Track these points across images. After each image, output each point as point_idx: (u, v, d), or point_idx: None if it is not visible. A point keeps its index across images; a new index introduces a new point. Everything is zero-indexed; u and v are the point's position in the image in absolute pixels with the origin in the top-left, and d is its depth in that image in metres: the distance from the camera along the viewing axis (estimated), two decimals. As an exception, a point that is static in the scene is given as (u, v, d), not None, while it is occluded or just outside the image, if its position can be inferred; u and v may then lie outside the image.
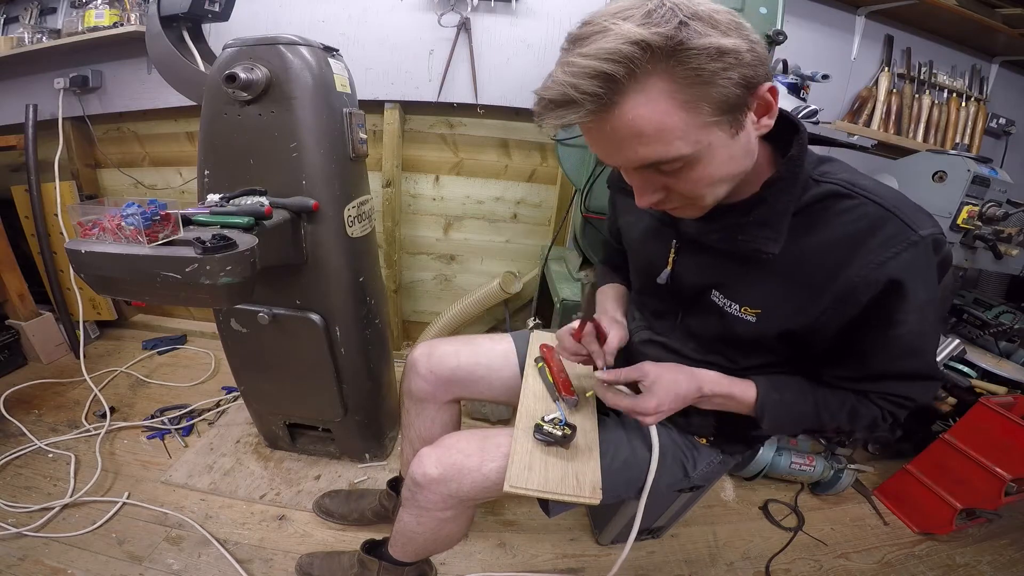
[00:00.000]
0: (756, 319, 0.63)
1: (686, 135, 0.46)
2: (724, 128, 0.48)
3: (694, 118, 0.46)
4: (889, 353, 0.60)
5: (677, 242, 0.69)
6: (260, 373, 1.26)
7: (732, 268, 0.63)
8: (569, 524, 1.28)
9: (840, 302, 0.56)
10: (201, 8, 1.12)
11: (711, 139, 0.48)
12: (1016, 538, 1.39)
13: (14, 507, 1.16)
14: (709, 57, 0.43)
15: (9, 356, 1.73)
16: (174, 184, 1.88)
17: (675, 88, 0.44)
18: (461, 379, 0.93)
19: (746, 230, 0.59)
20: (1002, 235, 1.33)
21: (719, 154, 0.50)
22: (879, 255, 0.53)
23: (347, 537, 1.18)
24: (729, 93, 0.45)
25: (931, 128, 1.67)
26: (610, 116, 0.45)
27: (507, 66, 1.56)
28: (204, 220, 0.83)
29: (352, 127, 1.06)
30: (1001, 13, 1.59)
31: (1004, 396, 1.37)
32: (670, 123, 0.45)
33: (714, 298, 0.66)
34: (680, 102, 0.45)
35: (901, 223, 0.53)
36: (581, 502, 0.66)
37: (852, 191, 0.55)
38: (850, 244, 0.54)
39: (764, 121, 0.51)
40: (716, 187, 0.54)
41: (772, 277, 0.60)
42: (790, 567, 1.23)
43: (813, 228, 0.57)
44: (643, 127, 0.46)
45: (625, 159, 0.50)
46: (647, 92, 0.44)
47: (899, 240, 0.52)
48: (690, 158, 0.48)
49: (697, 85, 0.44)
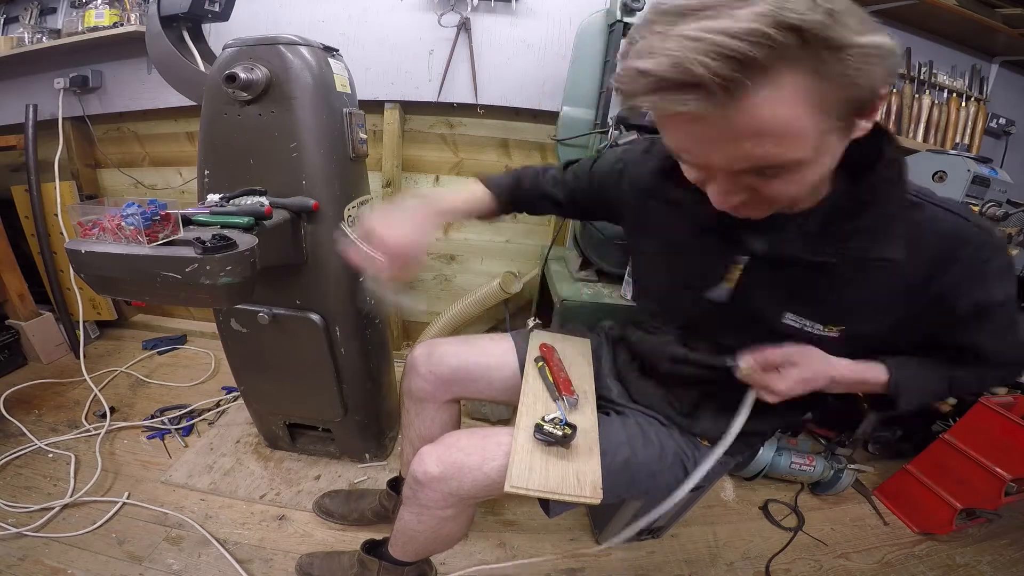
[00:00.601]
0: (840, 334, 0.60)
1: (812, 139, 0.41)
2: (840, 133, 0.43)
3: (823, 122, 0.40)
4: (1004, 338, 0.61)
5: (741, 258, 0.62)
6: (260, 373, 1.26)
7: (808, 283, 0.59)
8: (569, 524, 1.28)
9: (936, 306, 0.57)
10: (201, 8, 1.12)
11: (828, 142, 0.43)
12: (1016, 538, 1.39)
13: (14, 507, 1.16)
14: (866, 56, 0.37)
15: (9, 356, 1.73)
16: (174, 184, 1.88)
17: (816, 86, 0.38)
18: (461, 379, 0.93)
19: (859, 236, 0.54)
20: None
21: (826, 159, 0.45)
22: (974, 264, 0.54)
23: (347, 537, 1.18)
24: (868, 98, 0.41)
25: (931, 128, 1.67)
26: (735, 108, 0.38)
27: (507, 66, 1.56)
28: (204, 220, 0.83)
29: (352, 127, 1.06)
30: (1001, 13, 1.59)
31: (1004, 396, 1.37)
32: (799, 125, 0.39)
33: (789, 321, 0.61)
34: (817, 102, 0.39)
35: (979, 230, 0.54)
36: (582, 502, 0.66)
37: (921, 199, 0.55)
38: (938, 255, 0.54)
39: (864, 124, 0.45)
40: (804, 191, 0.48)
41: (854, 287, 0.57)
42: (790, 567, 1.23)
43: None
44: (770, 127, 0.39)
45: (731, 158, 0.43)
46: (783, 87, 0.37)
47: (986, 248, 0.54)
48: (802, 162, 0.43)
49: (844, 86, 0.38)
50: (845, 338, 0.61)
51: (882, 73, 0.39)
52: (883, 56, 0.38)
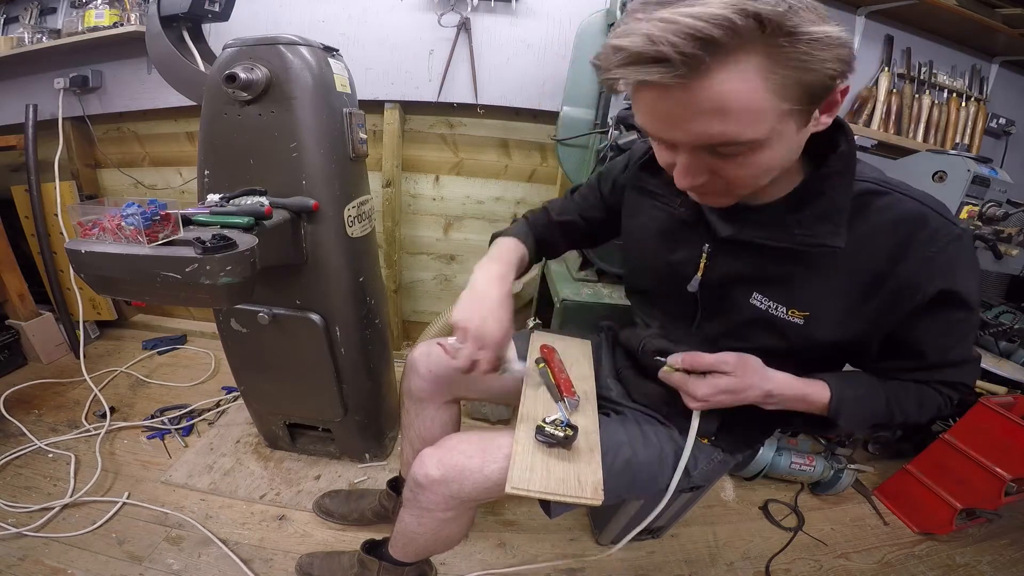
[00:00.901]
0: (804, 321, 0.61)
1: (766, 119, 0.45)
2: (797, 119, 0.47)
3: (779, 103, 0.44)
4: (946, 343, 0.61)
5: (709, 246, 0.66)
6: (260, 373, 1.26)
7: (774, 267, 0.61)
8: (569, 524, 1.28)
9: (895, 297, 0.57)
10: (201, 8, 1.12)
11: (784, 128, 0.46)
12: (1016, 538, 1.39)
13: (14, 507, 1.16)
14: (818, 43, 0.41)
15: (9, 356, 1.73)
16: (174, 184, 1.88)
17: (772, 68, 0.42)
18: (460, 379, 0.93)
19: (806, 225, 0.57)
20: (1002, 235, 1.33)
21: (783, 144, 0.48)
22: (928, 250, 0.54)
23: (347, 537, 1.18)
24: (821, 84, 0.44)
25: (931, 128, 1.67)
26: (695, 84, 0.42)
27: (507, 66, 1.56)
28: (204, 220, 0.83)
29: (352, 127, 1.06)
30: (1001, 13, 1.58)
31: (1004, 396, 1.37)
32: (756, 104, 0.43)
33: (755, 301, 0.63)
34: (773, 83, 0.43)
35: (941, 217, 0.54)
36: (583, 503, 0.66)
37: (887, 188, 0.56)
38: (896, 240, 0.55)
39: (824, 119, 0.49)
40: (763, 177, 0.52)
41: (818, 276, 0.59)
42: (790, 567, 1.23)
43: (855, 226, 0.56)
44: (729, 103, 0.43)
45: (692, 134, 0.47)
46: (743, 66, 0.41)
47: (944, 235, 0.54)
48: (757, 143, 0.46)
49: (797, 69, 0.42)
50: (809, 327, 0.61)
51: (832, 60, 0.43)
52: (834, 44, 0.42)
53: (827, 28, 0.42)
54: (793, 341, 0.63)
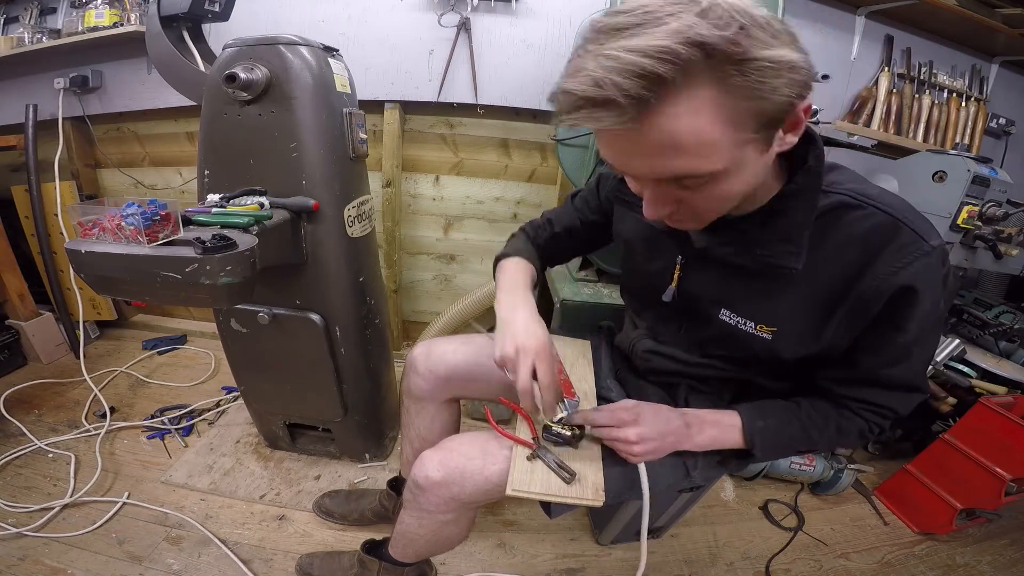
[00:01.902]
0: (772, 336, 0.61)
1: (724, 151, 0.43)
2: (758, 145, 0.45)
3: (736, 134, 0.43)
4: (881, 357, 0.60)
5: (682, 257, 0.67)
6: (260, 373, 1.26)
7: (743, 284, 0.62)
8: (569, 524, 1.28)
9: (853, 312, 0.56)
10: (201, 8, 1.12)
11: (743, 155, 0.45)
12: (1016, 538, 1.39)
13: (14, 507, 1.16)
14: (771, 70, 0.39)
15: (9, 356, 1.73)
16: (174, 184, 1.88)
17: (725, 99, 0.40)
18: (460, 378, 0.93)
19: (765, 244, 0.57)
20: (1002, 235, 1.33)
21: (746, 171, 0.47)
22: (892, 264, 0.53)
23: (347, 537, 1.18)
24: (776, 110, 0.42)
25: (931, 128, 1.67)
26: (645, 124, 0.41)
27: (507, 66, 1.56)
28: (204, 220, 0.83)
29: (352, 127, 1.06)
30: (1001, 13, 1.59)
31: (1004, 396, 1.37)
32: (712, 137, 0.42)
33: (724, 317, 0.65)
34: (726, 115, 0.41)
35: (913, 233, 0.53)
36: (584, 504, 0.66)
37: (861, 201, 0.55)
38: (863, 255, 0.54)
39: (789, 138, 0.48)
40: (729, 203, 0.52)
41: (785, 292, 0.59)
42: (790, 567, 1.23)
43: (824, 240, 0.56)
44: (682, 139, 0.42)
45: (650, 170, 0.47)
46: (693, 100, 0.40)
47: (912, 250, 0.53)
48: (719, 174, 0.46)
49: (749, 99, 0.41)
50: (778, 342, 0.62)
51: (787, 85, 0.41)
52: (785, 69, 0.40)
53: (779, 52, 0.40)
54: (764, 355, 0.63)
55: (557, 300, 1.27)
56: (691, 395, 0.79)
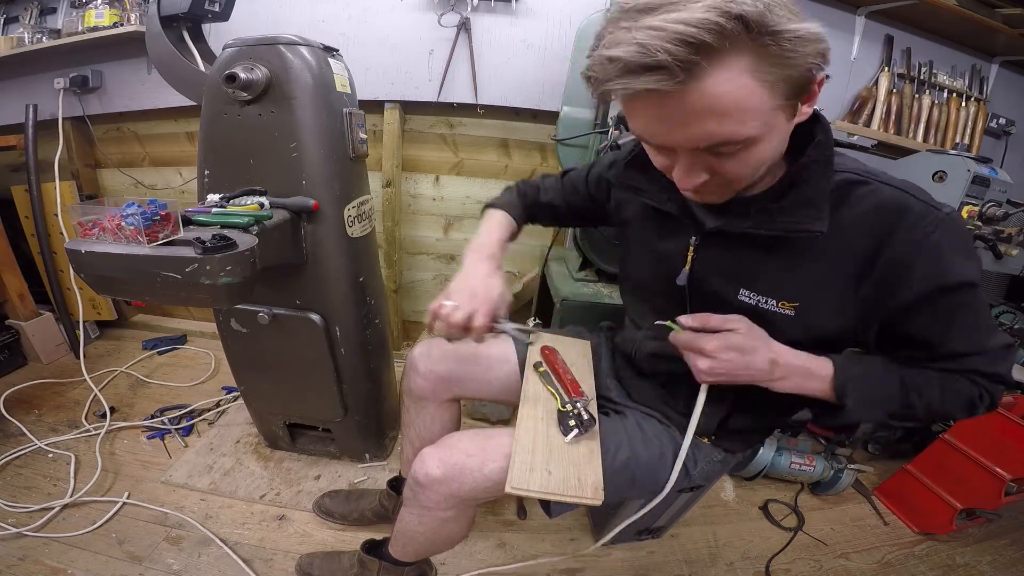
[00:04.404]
0: (795, 312, 0.61)
1: (760, 116, 0.46)
2: (786, 112, 0.48)
3: (771, 99, 0.45)
4: (958, 326, 0.57)
5: (696, 238, 0.67)
6: (260, 373, 1.26)
7: (761, 260, 0.62)
8: (569, 524, 1.28)
9: (886, 281, 0.56)
10: (201, 8, 1.12)
11: (775, 121, 0.48)
12: (1016, 538, 1.39)
13: (14, 507, 1.16)
14: (800, 40, 0.43)
15: (9, 356, 1.73)
16: (174, 184, 1.88)
17: (761, 66, 0.43)
18: (460, 377, 0.93)
19: (788, 212, 0.57)
20: (1002, 235, 1.33)
21: (776, 137, 0.50)
22: (914, 234, 0.53)
23: (347, 537, 1.18)
24: (803, 77, 0.46)
25: (931, 128, 1.67)
26: (691, 89, 0.43)
27: (507, 66, 1.56)
28: (204, 220, 0.83)
29: (352, 127, 1.06)
30: (1001, 13, 1.58)
31: (1004, 396, 1.37)
32: (750, 102, 0.45)
33: (744, 297, 0.63)
34: (762, 81, 0.44)
35: (923, 203, 0.54)
36: (583, 503, 0.66)
37: (866, 177, 0.57)
38: (880, 228, 0.54)
39: (805, 109, 0.51)
40: (759, 170, 0.53)
41: (806, 263, 0.59)
42: (790, 567, 1.23)
43: (838, 215, 0.56)
44: (724, 104, 0.44)
45: (692, 136, 0.48)
46: (732, 68, 0.43)
47: (928, 219, 0.53)
48: (753, 140, 0.48)
49: (783, 67, 0.44)
50: (801, 317, 0.61)
51: (814, 54, 0.45)
52: (813, 40, 0.44)
53: (805, 25, 0.43)
54: (788, 333, 0.61)
55: (557, 300, 1.27)
56: (693, 395, 0.78)
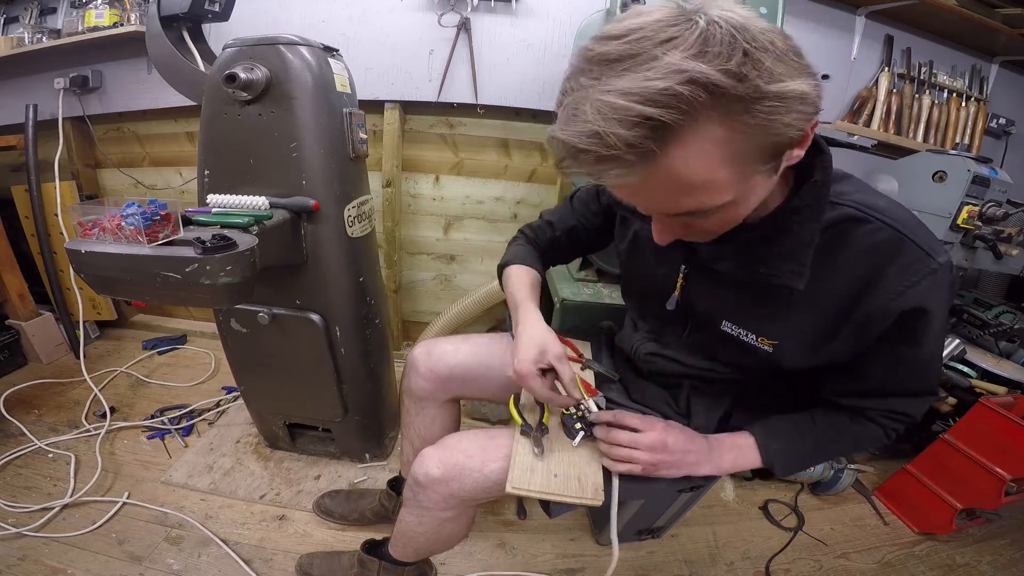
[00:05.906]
0: (773, 349, 0.62)
1: (731, 186, 0.43)
2: (765, 174, 0.45)
3: (745, 168, 0.42)
4: (899, 374, 0.60)
5: (686, 267, 0.67)
6: (260, 373, 1.26)
7: (745, 298, 0.62)
8: (569, 524, 1.28)
9: (859, 329, 0.56)
10: (201, 8, 1.12)
11: (753, 183, 0.45)
12: (1016, 538, 1.39)
13: (14, 507, 1.16)
14: (781, 106, 0.38)
15: (9, 356, 1.73)
16: (174, 184, 1.88)
17: (732, 137, 0.38)
18: (460, 377, 0.93)
19: (769, 262, 0.56)
20: (1002, 235, 1.33)
21: (755, 195, 0.48)
22: (900, 283, 0.52)
23: (347, 537, 1.18)
24: (785, 141, 0.41)
25: (931, 128, 1.67)
26: (652, 169, 0.39)
27: (507, 66, 1.56)
28: (204, 220, 0.83)
29: (352, 127, 1.06)
30: (1001, 13, 1.59)
31: (1004, 396, 1.37)
32: (716, 177, 0.41)
33: (726, 328, 0.65)
34: (734, 154, 0.39)
35: (919, 250, 0.52)
36: (583, 503, 0.66)
37: (868, 214, 0.54)
38: (869, 271, 0.54)
39: (797, 152, 0.45)
40: (740, 220, 0.51)
41: (788, 309, 0.59)
42: (790, 567, 1.23)
43: (829, 255, 0.55)
44: (691, 180, 0.41)
45: (661, 207, 0.47)
46: (700, 143, 0.38)
47: (919, 269, 0.52)
48: (730, 203, 0.45)
49: (758, 136, 0.39)
50: (779, 352, 0.62)
51: (796, 118, 0.39)
52: (794, 100, 0.38)
53: (788, 85, 0.37)
54: (766, 361, 0.64)
55: (557, 300, 1.27)
56: (693, 395, 0.79)
